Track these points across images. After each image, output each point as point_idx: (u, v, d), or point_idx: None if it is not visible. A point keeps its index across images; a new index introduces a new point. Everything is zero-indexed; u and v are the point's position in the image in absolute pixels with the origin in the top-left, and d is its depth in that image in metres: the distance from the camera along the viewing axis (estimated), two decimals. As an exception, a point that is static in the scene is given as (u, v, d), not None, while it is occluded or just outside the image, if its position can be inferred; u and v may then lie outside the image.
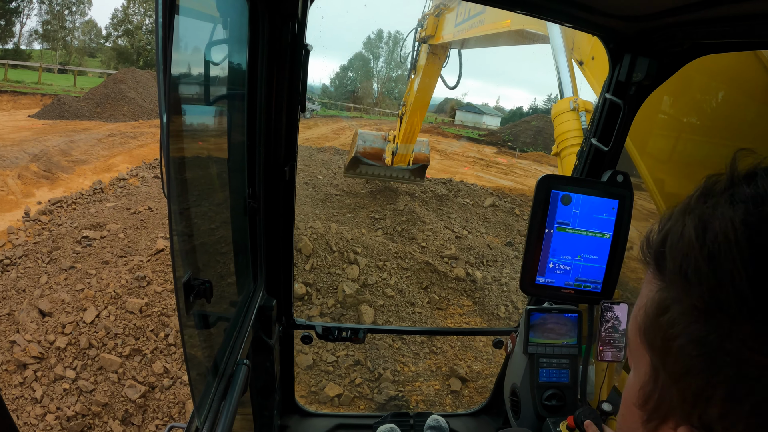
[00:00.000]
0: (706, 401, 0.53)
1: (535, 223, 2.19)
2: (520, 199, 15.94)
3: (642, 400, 0.62)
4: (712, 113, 2.62)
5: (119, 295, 5.54)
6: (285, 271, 2.43)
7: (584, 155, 2.44)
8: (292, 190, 2.21)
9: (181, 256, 1.15)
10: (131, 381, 4.75)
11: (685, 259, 0.55)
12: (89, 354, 4.88)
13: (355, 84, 70.19)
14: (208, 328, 1.37)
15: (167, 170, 0.98)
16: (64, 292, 5.57)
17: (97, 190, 10.17)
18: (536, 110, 69.45)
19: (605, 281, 2.24)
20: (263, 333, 2.14)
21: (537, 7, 1.95)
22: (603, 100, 2.28)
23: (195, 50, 1.30)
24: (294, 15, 1.82)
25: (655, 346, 0.59)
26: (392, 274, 7.89)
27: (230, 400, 1.43)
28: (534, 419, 2.29)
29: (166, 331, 5.32)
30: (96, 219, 7.98)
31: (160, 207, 8.49)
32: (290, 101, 1.97)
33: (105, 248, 6.77)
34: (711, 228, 0.53)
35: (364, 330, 2.74)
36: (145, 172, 11.92)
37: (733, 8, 1.51)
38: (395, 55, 71.19)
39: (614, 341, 2.19)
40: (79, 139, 14.25)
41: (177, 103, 1.12)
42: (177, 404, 4.71)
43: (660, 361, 0.59)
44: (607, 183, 2.20)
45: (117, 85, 23.88)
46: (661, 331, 0.58)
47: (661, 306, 0.58)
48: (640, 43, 2.06)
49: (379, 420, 2.95)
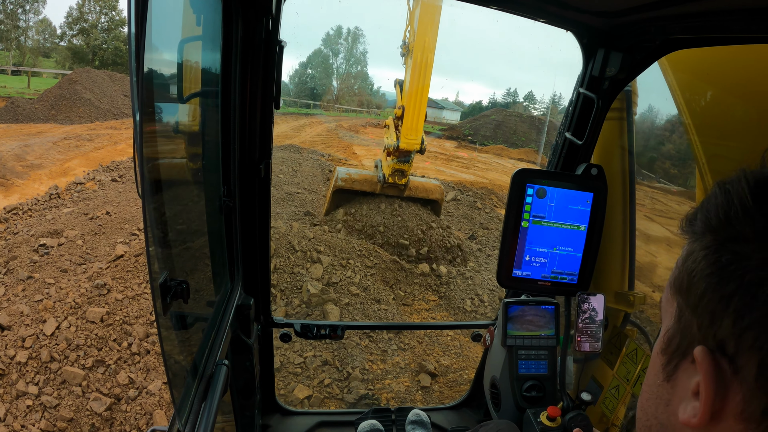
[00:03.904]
0: (720, 318, 0.58)
1: (510, 216, 2.22)
2: (482, 192, 16.02)
3: (665, 343, 0.68)
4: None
5: (79, 304, 5.36)
6: (262, 270, 2.41)
7: (558, 149, 2.47)
8: (267, 187, 2.19)
9: (157, 256, 1.13)
10: (96, 393, 4.59)
11: (709, 209, 0.63)
12: (51, 368, 4.70)
13: (315, 81, 69.68)
14: (186, 329, 1.36)
15: (141, 170, 0.96)
16: (22, 304, 5.36)
17: (53, 195, 9.81)
18: (495, 104, 69.76)
19: (581, 273, 2.28)
20: (242, 332, 2.13)
21: (511, 3, 1.97)
22: (577, 94, 2.31)
23: (168, 47, 1.27)
24: (268, 11, 1.81)
25: (682, 287, 0.65)
26: (356, 272, 7.84)
27: (211, 401, 1.41)
28: (514, 411, 2.32)
29: (128, 340, 5.17)
30: (53, 226, 7.72)
31: (118, 211, 8.25)
32: (264, 98, 1.96)
33: (63, 256, 6.55)
34: (730, 182, 0.62)
35: (343, 327, 2.74)
36: (103, 175, 11.56)
37: (705, 4, 1.55)
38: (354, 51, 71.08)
39: (591, 332, 2.23)
40: (34, 143, 13.78)
41: (150, 102, 1.10)
42: (144, 415, 4.58)
43: (684, 298, 0.64)
44: (582, 176, 2.23)
45: (72, 86, 23.04)
46: (687, 271, 0.64)
47: (688, 253, 0.65)
48: (613, 38, 2.09)
49: (361, 416, 2.96)
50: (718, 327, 0.58)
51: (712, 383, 0.57)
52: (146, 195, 0.99)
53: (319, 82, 70.09)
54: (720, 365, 0.57)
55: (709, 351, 0.58)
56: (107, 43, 48.08)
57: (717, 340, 0.58)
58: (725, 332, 0.57)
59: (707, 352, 0.58)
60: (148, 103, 1.06)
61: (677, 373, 0.65)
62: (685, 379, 0.63)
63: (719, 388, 0.57)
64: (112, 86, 25.45)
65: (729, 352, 0.57)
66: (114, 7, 48.28)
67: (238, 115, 1.90)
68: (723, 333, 0.57)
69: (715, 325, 0.58)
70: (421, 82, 8.64)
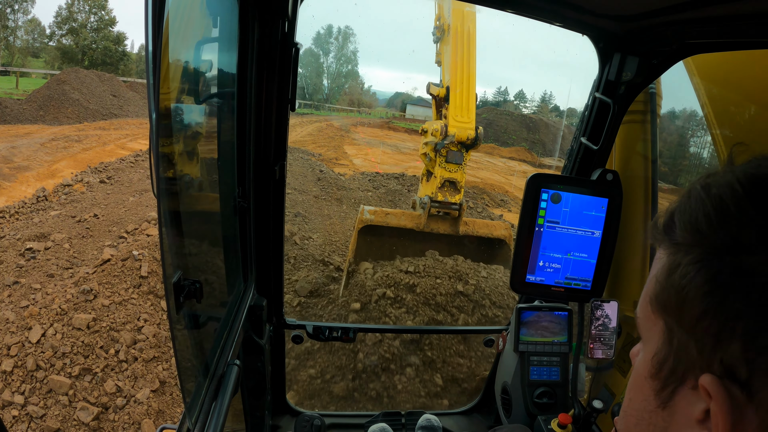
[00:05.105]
0: (727, 341, 0.53)
1: (525, 221, 2.20)
2: (473, 191, 15.83)
3: (655, 368, 0.62)
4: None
5: (65, 311, 5.24)
6: (275, 271, 2.42)
7: (574, 154, 2.45)
8: (282, 189, 2.20)
9: (171, 256, 1.14)
10: (83, 403, 4.48)
11: (693, 214, 0.58)
12: (37, 376, 4.58)
13: (305, 80, 69.76)
14: (198, 328, 1.36)
15: (156, 169, 0.97)
16: (8, 311, 5.25)
17: (40, 198, 9.72)
18: (486, 103, 69.52)
19: (595, 279, 2.26)
20: (254, 333, 2.13)
21: (527, 7, 1.96)
22: (593, 99, 2.29)
23: (185, 49, 1.28)
24: (284, 14, 1.82)
25: (669, 305, 0.60)
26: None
27: (221, 400, 1.42)
28: (525, 417, 2.31)
29: (116, 347, 5.04)
30: (40, 229, 7.63)
31: (106, 214, 8.17)
32: (280, 100, 1.97)
33: (50, 260, 6.49)
34: (715, 184, 0.57)
35: (355, 329, 2.73)
36: (91, 177, 11.44)
37: (721, 8, 1.53)
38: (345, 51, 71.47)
39: (604, 339, 2.20)
40: (22, 145, 13.71)
41: (166, 102, 1.11)
42: (132, 425, 4.48)
43: (674, 318, 0.59)
44: (597, 181, 2.21)
45: (60, 87, 22.93)
46: (674, 288, 0.58)
47: (671, 266, 0.59)
48: (630, 42, 2.07)
49: (371, 419, 2.95)
50: (724, 351, 0.53)
51: (728, 413, 0.53)
52: (161, 194, 1.00)
53: (310, 81, 70.35)
54: (731, 392, 0.53)
55: (718, 379, 0.54)
56: (96, 43, 48.19)
57: (725, 366, 0.53)
58: (734, 357, 0.52)
59: (717, 381, 0.53)
60: (164, 103, 1.08)
61: (674, 399, 0.60)
62: (686, 407, 0.59)
63: (735, 417, 0.53)
64: (100, 86, 25.40)
65: (741, 377, 0.52)
66: (103, 6, 48.50)
67: (254, 117, 1.91)
68: (731, 357, 0.53)
69: (720, 350, 0.53)
70: (466, 54, 7.11)
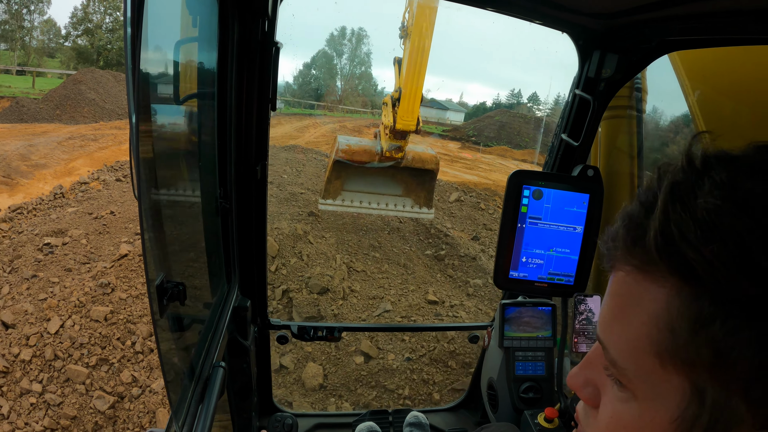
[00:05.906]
0: None
1: (507, 218, 2.22)
2: (485, 193, 15.97)
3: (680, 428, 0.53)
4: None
5: (83, 303, 5.39)
6: (259, 271, 2.40)
7: (554, 150, 2.48)
8: (264, 189, 2.18)
9: (154, 258, 1.13)
10: (99, 392, 4.62)
11: (725, 245, 0.45)
12: (55, 366, 4.74)
13: (318, 81, 69.80)
14: (182, 331, 1.35)
15: (137, 171, 0.96)
16: (27, 302, 5.40)
17: (57, 195, 9.79)
18: (499, 105, 69.74)
19: (578, 274, 2.28)
20: (239, 334, 2.12)
21: (507, 5, 1.97)
22: (573, 95, 2.32)
23: (164, 49, 1.27)
24: (264, 13, 1.80)
25: (699, 362, 0.49)
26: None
27: (208, 403, 1.41)
28: (512, 412, 2.32)
29: (132, 339, 5.19)
30: (57, 225, 7.72)
31: (122, 211, 8.25)
32: (261, 100, 1.95)
33: (67, 255, 6.56)
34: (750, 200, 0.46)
35: (339, 328, 2.73)
36: (107, 175, 11.49)
37: (699, 5, 1.55)
38: (358, 52, 71.13)
39: (588, 333, 2.23)
40: (39, 143, 13.73)
41: (146, 103, 1.09)
42: (147, 413, 4.61)
43: (707, 375, 0.49)
44: (578, 177, 2.23)
45: (76, 86, 22.96)
46: (712, 344, 0.47)
47: (702, 316, 0.48)
48: (609, 39, 2.10)
49: (358, 418, 2.95)
50: None
51: None
52: (143, 196, 0.99)
53: (323, 82, 70.19)
54: None
55: None
56: (112, 44, 48.19)
57: None
58: None
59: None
60: (144, 104, 1.06)
61: None
62: None
63: None
64: (116, 86, 25.37)
65: None
66: (118, 7, 48.32)
67: (234, 117, 1.89)
68: None
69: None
70: (418, 67, 8.65)
